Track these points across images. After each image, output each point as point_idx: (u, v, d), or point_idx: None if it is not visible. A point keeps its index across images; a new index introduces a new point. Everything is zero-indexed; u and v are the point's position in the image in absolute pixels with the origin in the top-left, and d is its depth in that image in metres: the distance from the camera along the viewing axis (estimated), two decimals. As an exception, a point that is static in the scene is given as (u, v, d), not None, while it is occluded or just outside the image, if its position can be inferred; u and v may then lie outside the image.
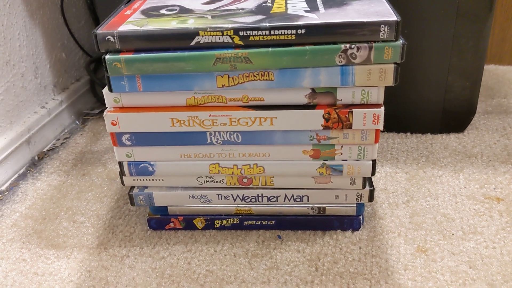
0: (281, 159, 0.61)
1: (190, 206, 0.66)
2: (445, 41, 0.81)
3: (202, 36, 0.53)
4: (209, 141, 0.60)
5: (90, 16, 1.10)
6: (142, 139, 0.60)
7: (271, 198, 0.64)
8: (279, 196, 0.64)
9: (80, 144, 0.95)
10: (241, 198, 0.65)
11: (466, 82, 0.84)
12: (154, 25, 0.54)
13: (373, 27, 0.51)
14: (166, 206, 0.67)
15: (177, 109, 0.58)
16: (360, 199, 0.64)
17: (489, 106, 0.98)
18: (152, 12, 0.59)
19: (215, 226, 0.68)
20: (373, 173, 0.60)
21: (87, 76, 1.10)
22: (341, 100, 0.56)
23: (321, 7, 0.56)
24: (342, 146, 0.59)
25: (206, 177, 0.63)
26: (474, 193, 0.73)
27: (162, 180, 0.64)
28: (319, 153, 0.60)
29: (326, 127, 0.57)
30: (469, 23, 0.79)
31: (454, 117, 0.88)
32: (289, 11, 0.55)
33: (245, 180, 0.63)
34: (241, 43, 0.53)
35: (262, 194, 0.64)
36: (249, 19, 0.54)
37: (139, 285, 0.60)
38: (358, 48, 0.52)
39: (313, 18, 0.52)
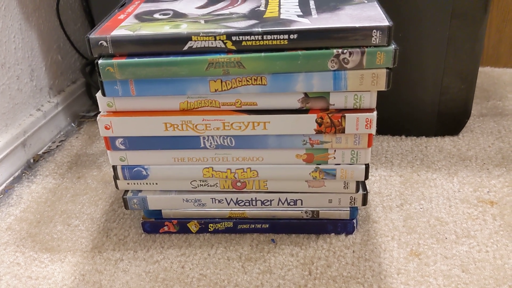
0: (274, 163, 0.61)
1: (184, 210, 0.66)
2: (440, 43, 0.81)
3: (195, 41, 0.53)
4: (202, 145, 0.60)
5: (86, 19, 1.10)
6: (136, 143, 0.60)
7: (265, 202, 0.64)
8: (273, 200, 0.64)
9: (76, 146, 0.95)
10: (235, 202, 0.65)
11: (461, 84, 0.84)
12: (147, 29, 0.54)
13: (365, 32, 0.51)
14: (160, 210, 0.67)
15: (170, 113, 0.58)
16: (354, 203, 0.64)
17: (484, 109, 0.99)
18: (145, 17, 0.59)
19: (209, 230, 0.68)
20: (366, 177, 0.60)
21: (83, 79, 1.10)
22: (333, 104, 0.56)
23: (314, 12, 0.56)
24: (335, 151, 0.59)
25: (200, 181, 0.63)
26: (468, 196, 0.73)
27: (156, 184, 0.64)
28: (312, 157, 0.60)
29: (319, 132, 0.57)
30: (464, 24, 0.79)
31: (449, 119, 0.88)
32: (282, 16, 0.55)
33: (238, 184, 0.63)
34: (233, 48, 0.53)
35: (256, 198, 0.64)
36: (242, 24, 0.54)
37: (132, 289, 0.60)
38: (350, 53, 0.52)
39: (306, 23, 0.52)
